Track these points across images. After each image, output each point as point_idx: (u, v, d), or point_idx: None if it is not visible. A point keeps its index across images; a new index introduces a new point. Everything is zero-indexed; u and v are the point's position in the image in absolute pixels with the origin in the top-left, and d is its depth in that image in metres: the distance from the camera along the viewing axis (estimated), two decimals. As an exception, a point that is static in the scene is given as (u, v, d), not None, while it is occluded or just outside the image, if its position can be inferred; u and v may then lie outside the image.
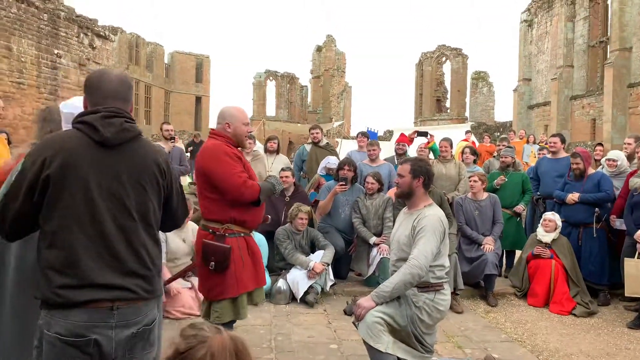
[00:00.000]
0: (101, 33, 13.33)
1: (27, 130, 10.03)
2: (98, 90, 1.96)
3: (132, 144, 1.95)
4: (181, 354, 1.32)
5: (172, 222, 2.24)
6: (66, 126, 2.31)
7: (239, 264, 3.08)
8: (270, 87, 42.71)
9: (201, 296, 4.39)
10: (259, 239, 4.88)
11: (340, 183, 5.58)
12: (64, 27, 11.78)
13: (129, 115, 2.00)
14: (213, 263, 2.99)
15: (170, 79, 40.24)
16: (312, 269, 5.17)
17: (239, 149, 3.19)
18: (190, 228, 5.07)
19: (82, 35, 12.55)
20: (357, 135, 8.02)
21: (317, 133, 7.29)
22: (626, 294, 4.92)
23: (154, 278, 2.00)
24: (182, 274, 4.03)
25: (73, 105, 2.38)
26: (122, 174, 1.90)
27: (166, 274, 4.53)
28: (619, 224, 5.37)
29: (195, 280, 4.83)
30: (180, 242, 4.90)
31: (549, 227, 5.52)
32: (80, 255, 1.81)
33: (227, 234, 3.04)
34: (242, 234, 3.13)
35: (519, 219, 6.38)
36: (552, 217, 5.56)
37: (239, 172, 3.03)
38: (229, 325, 3.10)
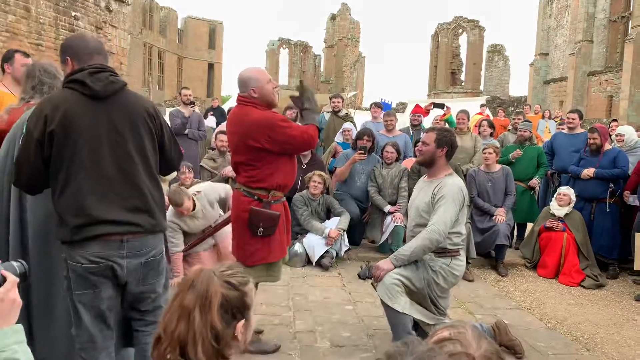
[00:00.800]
0: (117, -4, 13.26)
1: (44, 92, 10.17)
2: (82, 49, 2.18)
3: (120, 95, 2.18)
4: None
5: (169, 165, 2.45)
6: None
7: (282, 229, 3.22)
8: (284, 55, 42.39)
9: (229, 256, 4.48)
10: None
11: (359, 152, 5.67)
12: (81, -11, 11.75)
13: (112, 69, 2.22)
14: (261, 229, 3.05)
15: (184, 45, 40.03)
16: (328, 235, 5.32)
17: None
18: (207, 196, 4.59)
19: (98, -3, 12.50)
20: (371, 106, 8.04)
21: (338, 102, 7.33)
22: (636, 268, 5.02)
23: (157, 213, 2.27)
24: (212, 233, 4.10)
25: None
26: (117, 121, 2.13)
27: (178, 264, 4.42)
28: (632, 199, 5.43)
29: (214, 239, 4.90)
30: (194, 222, 4.51)
31: (563, 201, 5.59)
32: (88, 197, 2.08)
33: (273, 201, 3.12)
34: (281, 200, 3.22)
35: (532, 192, 6.45)
36: (567, 191, 5.62)
37: (298, 127, 3.09)
38: None
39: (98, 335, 2.14)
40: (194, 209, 4.46)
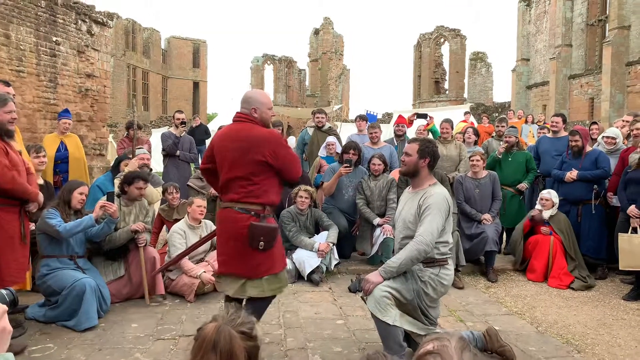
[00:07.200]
0: (99, 19, 13.27)
1: (28, 119, 10.08)
2: None
3: None
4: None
5: None
6: None
7: (279, 241, 3.31)
8: (268, 71, 42.53)
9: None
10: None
11: (345, 165, 5.69)
12: (61, 14, 11.73)
13: None
14: (263, 243, 3.10)
15: (167, 65, 40.08)
16: (318, 249, 5.31)
17: None
18: (209, 225, 5.22)
19: (80, 22, 12.49)
20: (356, 119, 8.06)
21: (322, 117, 7.36)
22: (620, 268, 5.06)
23: None
24: (201, 244, 4.06)
25: None
26: None
27: (188, 264, 4.72)
28: (615, 200, 5.50)
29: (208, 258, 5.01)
30: (196, 239, 4.92)
31: (546, 205, 5.65)
32: None
33: (267, 215, 3.19)
34: (273, 214, 3.30)
35: (521, 197, 6.50)
36: (548, 195, 5.68)
37: (294, 154, 3.31)
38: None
39: None
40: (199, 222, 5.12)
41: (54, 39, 11.52)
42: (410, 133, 8.18)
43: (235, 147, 3.15)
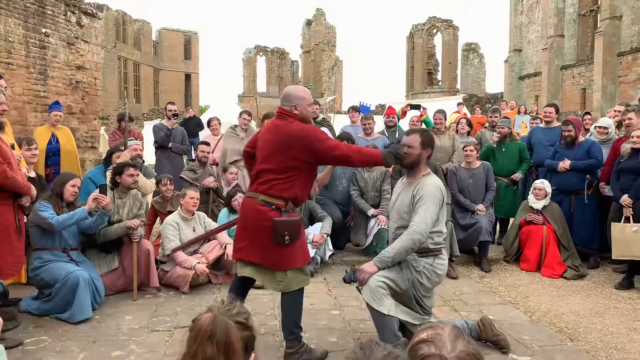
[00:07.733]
0: (88, 11, 13.12)
1: (18, 111, 9.97)
2: None
3: None
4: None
5: None
6: None
7: (303, 235, 3.32)
8: (261, 62, 42.37)
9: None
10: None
11: (338, 156, 5.67)
12: (50, 5, 11.57)
13: None
14: (288, 237, 3.10)
15: (159, 57, 39.78)
16: (312, 241, 5.31)
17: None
18: (202, 216, 5.24)
19: (69, 13, 12.33)
20: (349, 110, 8.04)
21: (315, 109, 7.34)
22: (613, 257, 5.10)
23: None
24: (205, 237, 4.05)
25: None
26: None
27: (182, 256, 4.75)
28: (607, 190, 5.53)
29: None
30: (190, 231, 4.99)
31: (540, 195, 5.67)
32: None
33: (289, 209, 3.19)
34: (295, 209, 3.31)
35: (515, 187, 6.52)
36: (542, 185, 5.71)
37: (335, 140, 3.33)
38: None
39: None
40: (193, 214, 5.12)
41: (43, 30, 11.38)
42: (404, 124, 8.17)
43: (271, 140, 3.20)
